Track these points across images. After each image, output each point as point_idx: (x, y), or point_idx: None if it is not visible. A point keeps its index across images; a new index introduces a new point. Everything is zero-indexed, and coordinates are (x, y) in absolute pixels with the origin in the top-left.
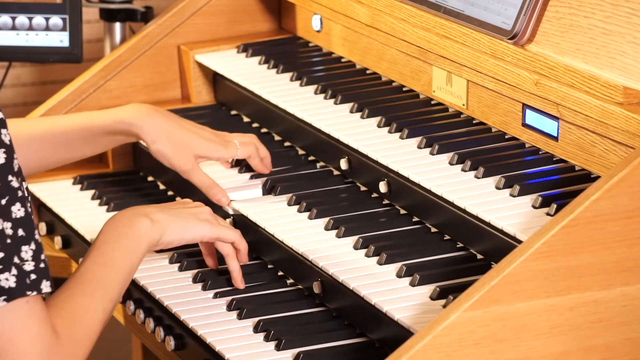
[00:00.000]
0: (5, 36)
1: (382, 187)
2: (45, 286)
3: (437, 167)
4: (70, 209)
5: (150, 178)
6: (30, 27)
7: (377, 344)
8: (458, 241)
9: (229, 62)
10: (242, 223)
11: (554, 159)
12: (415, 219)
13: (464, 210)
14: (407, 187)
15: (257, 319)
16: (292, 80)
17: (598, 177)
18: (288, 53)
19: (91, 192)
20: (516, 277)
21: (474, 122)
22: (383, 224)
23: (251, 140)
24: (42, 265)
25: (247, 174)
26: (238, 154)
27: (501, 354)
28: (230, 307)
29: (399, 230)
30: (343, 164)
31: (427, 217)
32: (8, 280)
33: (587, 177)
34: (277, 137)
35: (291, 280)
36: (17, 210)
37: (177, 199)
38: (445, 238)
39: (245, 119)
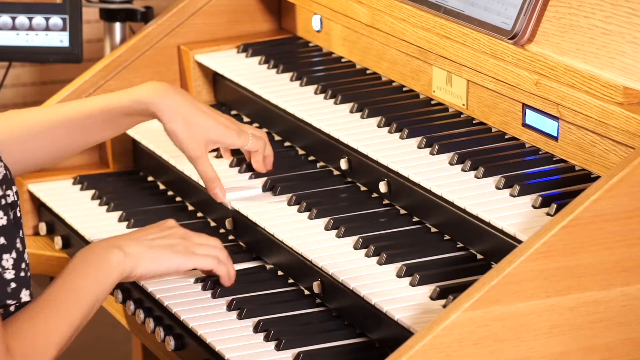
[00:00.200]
0: (5, 36)
1: (382, 187)
2: (25, 295)
3: (437, 167)
4: (70, 209)
5: (150, 178)
6: (30, 27)
7: (377, 344)
8: (458, 241)
9: (229, 62)
10: (242, 223)
11: (554, 159)
12: (415, 219)
13: (464, 210)
14: (407, 187)
15: (257, 319)
16: (292, 80)
17: (598, 177)
18: (288, 53)
19: (91, 192)
20: (516, 277)
21: (474, 122)
22: (383, 224)
23: (262, 135)
24: (22, 274)
25: (246, 174)
26: (249, 145)
27: (501, 354)
28: (230, 307)
29: (399, 230)
30: (343, 164)
31: (427, 217)
32: None
33: (587, 177)
34: (277, 137)
35: (291, 280)
36: None
37: (157, 223)
38: (445, 238)
39: (246, 119)
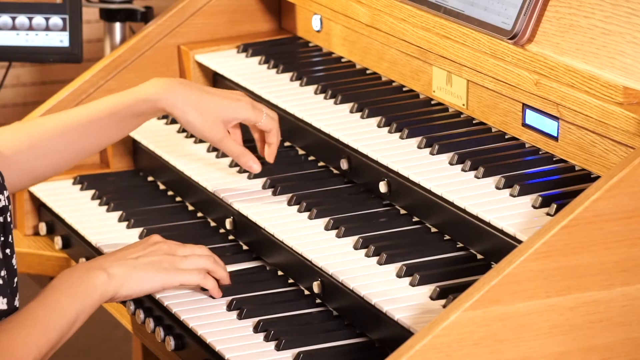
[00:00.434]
0: (5, 36)
1: (382, 187)
2: (1, 303)
3: (437, 167)
4: (70, 209)
5: (150, 178)
6: (30, 27)
7: (377, 344)
8: (458, 241)
9: (229, 62)
10: (242, 223)
11: (554, 159)
12: (415, 219)
13: (464, 210)
14: (407, 187)
15: (257, 319)
16: (292, 80)
17: (598, 177)
18: (288, 53)
19: (91, 192)
20: (516, 277)
21: (474, 122)
22: (383, 224)
23: (275, 117)
24: None
25: (245, 174)
26: (263, 121)
27: (501, 354)
28: (230, 307)
29: (399, 230)
30: (343, 164)
31: (427, 217)
32: None
33: (587, 177)
34: None
35: (291, 280)
36: None
37: (141, 240)
38: (445, 238)
39: None
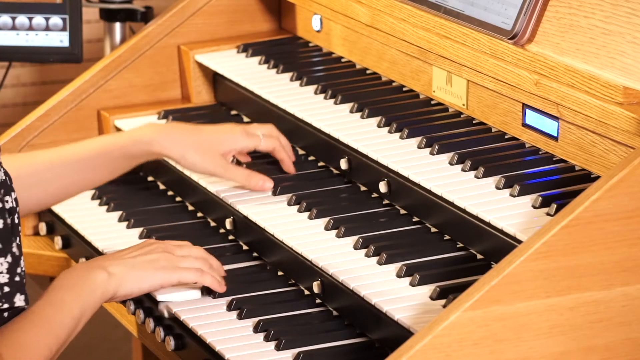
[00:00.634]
0: (5, 36)
1: (382, 187)
2: (19, 300)
3: (437, 167)
4: (70, 209)
5: (150, 178)
6: (30, 27)
7: (377, 344)
8: (458, 241)
9: (229, 62)
10: (242, 223)
11: (554, 159)
12: (415, 219)
13: (464, 210)
14: (407, 187)
15: (257, 319)
16: (292, 80)
17: (598, 177)
18: (288, 53)
19: (91, 192)
20: (516, 277)
21: (474, 122)
22: (383, 224)
23: (271, 132)
24: (17, 278)
25: None
26: (262, 144)
27: (501, 354)
28: (230, 307)
29: (399, 230)
30: (343, 164)
31: (427, 217)
32: None
33: (587, 177)
34: None
35: (291, 280)
36: None
37: (146, 240)
38: (445, 238)
39: (246, 119)
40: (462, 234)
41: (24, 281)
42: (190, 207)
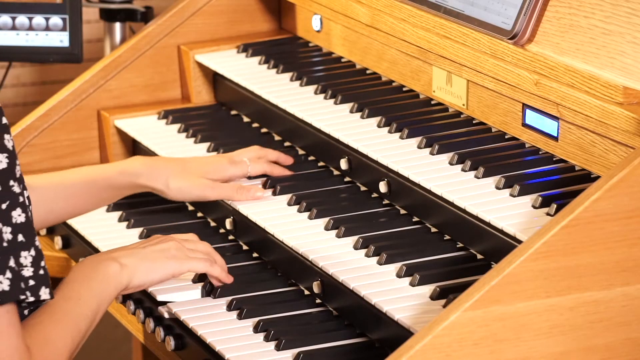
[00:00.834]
0: (5, 36)
1: (382, 187)
2: (44, 293)
3: (437, 167)
4: None
5: None
6: (30, 27)
7: (377, 344)
8: (458, 241)
9: (229, 62)
10: (242, 223)
11: (554, 159)
12: (415, 219)
13: (464, 210)
14: (407, 187)
15: (257, 319)
16: (292, 80)
17: (598, 177)
18: (288, 53)
19: None
20: (516, 277)
21: (474, 122)
22: (383, 224)
23: (258, 154)
24: (41, 272)
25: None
26: (250, 170)
27: (501, 354)
28: (230, 307)
29: (399, 230)
30: (343, 164)
31: (427, 217)
32: (2, 283)
33: (587, 177)
34: (277, 137)
35: (291, 280)
36: (18, 216)
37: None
38: (445, 238)
39: (245, 119)
40: (462, 234)
41: (48, 275)
42: (190, 207)
